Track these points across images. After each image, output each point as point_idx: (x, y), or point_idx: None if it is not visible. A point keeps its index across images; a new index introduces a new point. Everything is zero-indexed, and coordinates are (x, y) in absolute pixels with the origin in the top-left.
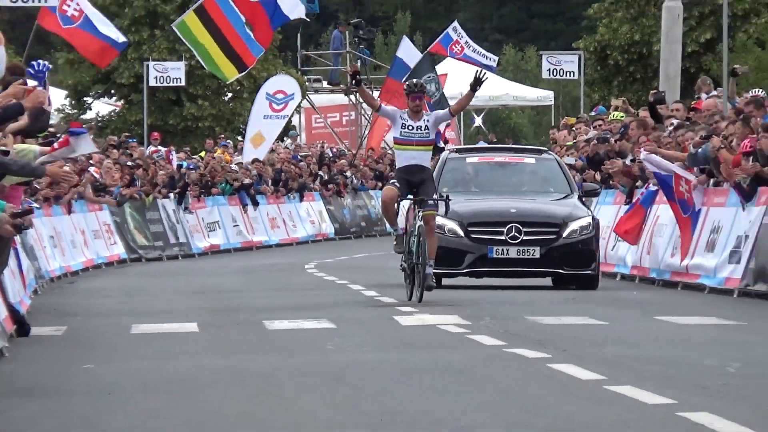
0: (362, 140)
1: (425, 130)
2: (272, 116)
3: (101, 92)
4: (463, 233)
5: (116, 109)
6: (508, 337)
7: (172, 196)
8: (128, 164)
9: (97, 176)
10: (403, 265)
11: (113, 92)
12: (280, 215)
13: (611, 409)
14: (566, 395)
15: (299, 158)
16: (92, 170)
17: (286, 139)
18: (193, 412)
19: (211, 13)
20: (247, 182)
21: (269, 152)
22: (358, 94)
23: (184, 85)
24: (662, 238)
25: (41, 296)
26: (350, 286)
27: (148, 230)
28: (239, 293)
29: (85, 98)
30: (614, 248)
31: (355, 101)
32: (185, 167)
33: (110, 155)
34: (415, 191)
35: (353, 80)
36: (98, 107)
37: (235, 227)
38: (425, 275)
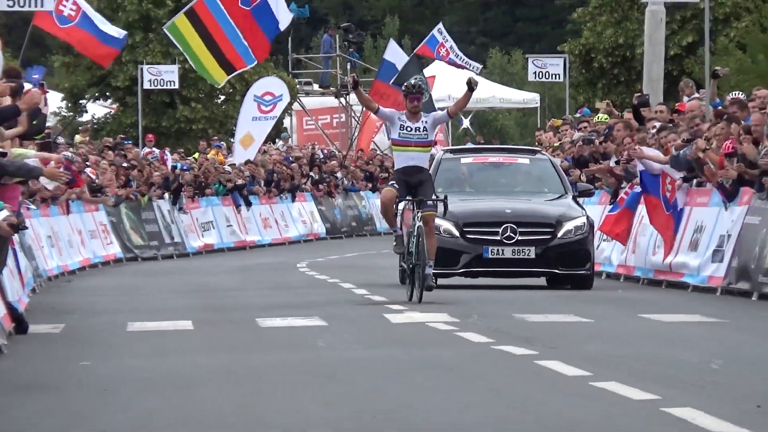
0: (352, 142)
1: (423, 131)
2: (261, 117)
3: (97, 95)
4: (458, 233)
5: (111, 111)
6: (495, 334)
7: (166, 196)
8: (123, 165)
9: (93, 177)
10: (402, 265)
11: (108, 95)
12: (272, 215)
13: (597, 404)
14: (554, 392)
15: (291, 160)
16: (88, 171)
17: (278, 141)
18: (187, 408)
19: (201, 16)
20: (240, 183)
21: (261, 154)
22: (356, 97)
23: (177, 88)
24: (646, 237)
25: (39, 295)
26: (341, 284)
27: (143, 230)
28: (233, 292)
29: (80, 101)
30: (599, 247)
31: (345, 104)
32: (179, 168)
33: (106, 157)
34: (413, 192)
35: (353, 86)
36: (94, 110)
37: (228, 227)
38: (425, 275)
